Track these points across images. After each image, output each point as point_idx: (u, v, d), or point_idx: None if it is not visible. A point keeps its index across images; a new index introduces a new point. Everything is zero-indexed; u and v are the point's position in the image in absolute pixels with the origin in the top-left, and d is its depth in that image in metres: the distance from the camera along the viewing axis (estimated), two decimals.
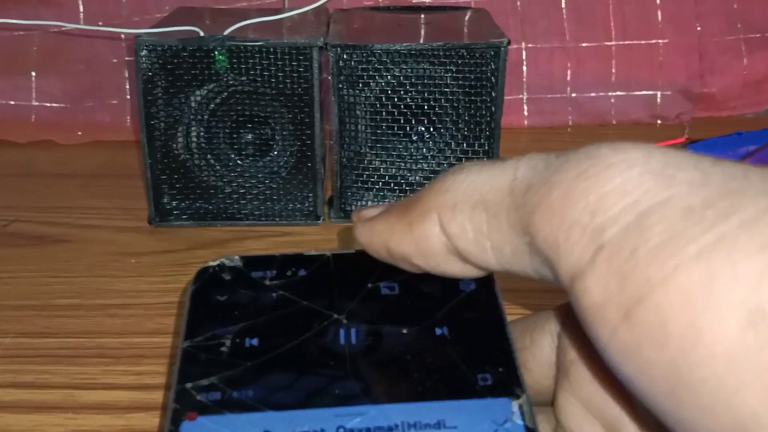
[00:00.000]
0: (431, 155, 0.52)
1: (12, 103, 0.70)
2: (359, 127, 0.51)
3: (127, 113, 0.70)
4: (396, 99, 0.50)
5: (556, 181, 0.19)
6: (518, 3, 0.71)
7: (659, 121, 0.72)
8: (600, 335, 0.18)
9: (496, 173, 0.21)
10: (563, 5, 0.71)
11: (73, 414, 0.35)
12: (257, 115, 0.51)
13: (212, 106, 0.50)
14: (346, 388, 0.22)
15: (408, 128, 0.51)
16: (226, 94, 0.50)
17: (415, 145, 0.52)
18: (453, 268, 0.22)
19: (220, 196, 0.52)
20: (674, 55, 0.72)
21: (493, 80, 0.49)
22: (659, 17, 0.71)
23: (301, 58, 0.48)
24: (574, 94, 0.72)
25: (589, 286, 0.18)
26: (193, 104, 0.50)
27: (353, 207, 0.53)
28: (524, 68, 0.72)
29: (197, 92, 0.49)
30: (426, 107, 0.50)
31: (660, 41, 0.72)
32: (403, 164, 0.52)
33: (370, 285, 0.25)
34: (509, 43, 0.49)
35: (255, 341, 0.23)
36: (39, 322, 0.42)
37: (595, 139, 0.20)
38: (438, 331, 0.23)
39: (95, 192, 0.59)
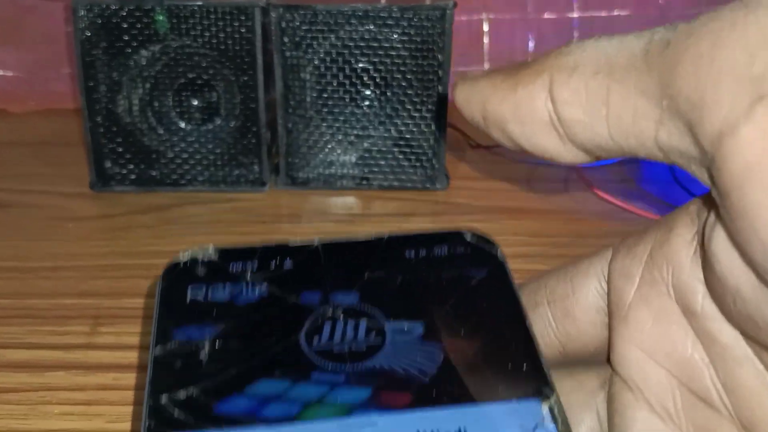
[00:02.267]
0: (379, 120, 0.51)
1: None
2: (305, 90, 0.50)
3: None
4: (341, 62, 0.49)
5: (706, 31, 0.16)
6: None
7: None
8: (753, 200, 0.15)
9: (629, 38, 0.18)
10: None
11: None
12: (201, 78, 0.50)
13: (156, 68, 0.49)
14: (350, 395, 0.19)
15: (355, 92, 0.50)
16: (168, 56, 0.49)
17: (362, 110, 0.51)
18: (548, 143, 0.19)
19: (163, 161, 0.51)
20: (635, 28, 0.71)
21: (440, 43, 0.48)
22: None
23: (243, 18, 0.47)
24: None
25: (743, 142, 0.15)
26: (134, 66, 0.49)
27: (300, 174, 0.52)
28: (485, 40, 0.71)
29: (138, 54, 0.48)
30: (373, 71, 0.50)
31: (621, 13, 0.71)
32: (350, 129, 0.51)
33: (366, 275, 0.22)
34: (455, 5, 0.48)
35: (239, 344, 0.20)
36: None
37: None
38: (449, 325, 0.21)
39: (43, 159, 0.58)
